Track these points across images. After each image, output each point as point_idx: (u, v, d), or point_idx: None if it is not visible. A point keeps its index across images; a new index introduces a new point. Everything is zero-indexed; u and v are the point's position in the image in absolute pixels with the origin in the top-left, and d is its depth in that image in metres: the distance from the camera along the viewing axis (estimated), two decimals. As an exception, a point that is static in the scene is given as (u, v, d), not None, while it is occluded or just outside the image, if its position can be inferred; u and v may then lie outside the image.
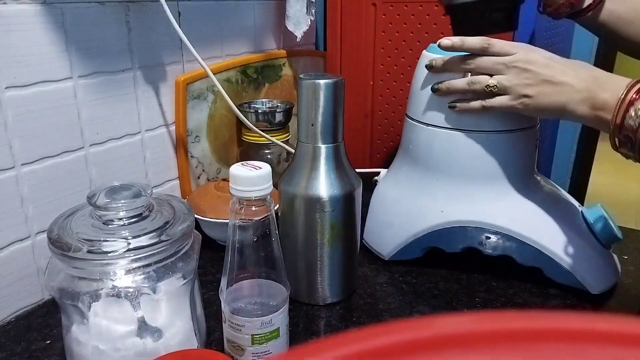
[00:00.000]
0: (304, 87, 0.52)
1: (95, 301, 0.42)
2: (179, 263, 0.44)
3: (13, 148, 0.53)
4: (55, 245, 0.41)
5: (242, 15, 0.81)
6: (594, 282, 0.57)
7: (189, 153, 0.74)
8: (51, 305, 0.57)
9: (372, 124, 0.96)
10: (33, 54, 0.53)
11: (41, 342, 0.51)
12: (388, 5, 0.88)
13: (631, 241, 0.70)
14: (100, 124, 0.62)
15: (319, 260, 0.56)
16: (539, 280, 0.59)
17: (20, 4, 0.52)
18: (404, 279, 0.62)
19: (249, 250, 0.44)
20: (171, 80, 0.70)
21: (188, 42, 0.65)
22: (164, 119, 0.71)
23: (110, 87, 0.62)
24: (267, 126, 0.77)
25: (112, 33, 0.61)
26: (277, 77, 0.90)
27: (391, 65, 0.91)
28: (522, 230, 0.58)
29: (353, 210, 0.56)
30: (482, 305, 0.58)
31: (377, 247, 0.67)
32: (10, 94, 0.52)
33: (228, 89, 0.77)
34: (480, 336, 0.12)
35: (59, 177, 0.58)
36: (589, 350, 0.12)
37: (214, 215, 0.65)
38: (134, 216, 0.44)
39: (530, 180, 0.62)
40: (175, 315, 0.45)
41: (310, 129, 0.53)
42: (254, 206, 0.43)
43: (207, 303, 0.54)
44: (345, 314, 0.56)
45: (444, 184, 0.61)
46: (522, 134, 0.60)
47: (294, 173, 0.54)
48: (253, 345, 0.44)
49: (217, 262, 0.63)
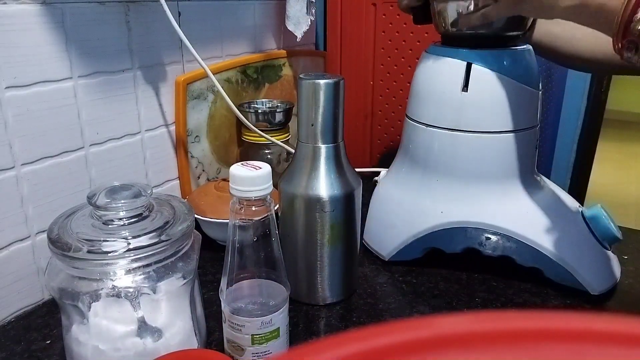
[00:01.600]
0: (304, 87, 0.52)
1: (95, 301, 0.42)
2: (179, 263, 0.44)
3: (13, 148, 0.53)
4: (55, 245, 0.41)
5: (242, 15, 0.81)
6: (593, 282, 0.57)
7: (189, 153, 0.74)
8: (51, 305, 0.57)
9: (372, 124, 0.96)
10: (33, 54, 0.53)
11: (41, 342, 0.51)
12: (388, 5, 0.88)
13: (631, 241, 0.70)
14: (100, 124, 0.62)
15: (319, 260, 0.56)
16: (539, 280, 0.59)
17: (20, 4, 0.52)
18: (404, 279, 0.62)
19: (249, 250, 0.44)
20: (171, 80, 0.70)
21: (188, 42, 0.65)
22: (164, 119, 0.71)
23: (110, 87, 0.62)
24: (267, 126, 0.77)
25: (112, 33, 0.61)
26: (277, 77, 0.90)
27: (391, 65, 0.91)
28: (522, 231, 0.58)
29: (353, 210, 0.56)
30: (482, 305, 0.58)
31: (377, 248, 0.67)
32: (10, 94, 0.52)
33: (228, 89, 0.77)
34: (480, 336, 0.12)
35: (59, 177, 0.58)
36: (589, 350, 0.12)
37: (214, 215, 0.65)
38: (134, 216, 0.44)
39: (530, 180, 0.62)
40: (175, 315, 0.45)
41: (310, 129, 0.53)
42: (254, 206, 0.43)
43: (207, 303, 0.54)
44: (345, 314, 0.56)
45: (444, 184, 0.61)
46: (522, 134, 0.59)
47: (294, 173, 0.54)
48: (253, 345, 0.44)
49: (217, 262, 0.63)
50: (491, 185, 0.60)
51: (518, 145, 0.60)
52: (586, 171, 1.09)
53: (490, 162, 0.60)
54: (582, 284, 0.57)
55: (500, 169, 0.60)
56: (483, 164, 0.60)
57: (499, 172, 0.60)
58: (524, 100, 0.59)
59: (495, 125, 0.58)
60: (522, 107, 0.59)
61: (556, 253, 0.57)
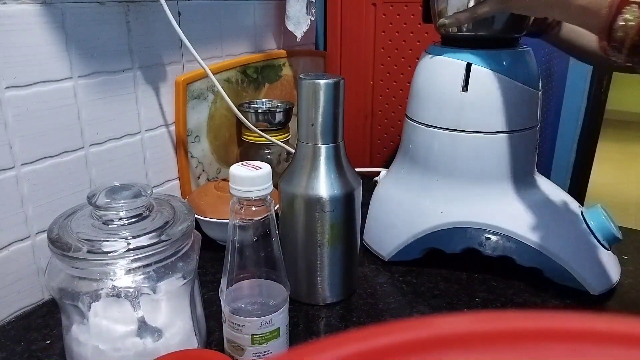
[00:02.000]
0: (304, 87, 0.52)
1: (95, 301, 0.42)
2: (179, 263, 0.44)
3: (13, 148, 0.53)
4: (55, 245, 0.41)
5: (242, 15, 0.81)
6: (593, 282, 0.57)
7: (189, 153, 0.74)
8: (51, 305, 0.57)
9: (372, 124, 0.96)
10: (33, 54, 0.53)
11: (41, 342, 0.51)
12: (388, 5, 0.88)
13: (631, 241, 0.70)
14: (100, 124, 0.62)
15: (319, 260, 0.56)
16: (539, 280, 0.59)
17: (20, 4, 0.52)
18: (404, 279, 0.62)
19: (249, 250, 0.44)
20: (171, 80, 0.70)
21: (188, 42, 0.65)
22: (164, 119, 0.71)
23: (110, 87, 0.62)
24: (267, 126, 0.77)
25: (112, 33, 0.61)
26: (277, 77, 0.90)
27: (391, 65, 0.91)
28: (522, 231, 0.58)
29: (353, 210, 0.56)
30: (482, 305, 0.58)
31: (377, 248, 0.67)
32: (10, 94, 0.52)
33: (228, 89, 0.77)
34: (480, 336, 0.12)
35: (59, 177, 0.58)
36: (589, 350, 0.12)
37: (214, 215, 0.65)
38: (134, 216, 0.44)
39: (530, 181, 0.62)
40: (175, 315, 0.45)
41: (310, 129, 0.53)
42: (254, 206, 0.43)
43: (207, 303, 0.54)
44: (345, 314, 0.56)
45: (444, 184, 0.61)
46: (522, 134, 0.60)
47: (294, 173, 0.54)
48: (253, 345, 0.44)
49: (217, 262, 0.63)
50: (491, 186, 0.60)
51: (518, 146, 0.60)
52: (586, 171, 1.09)
53: (490, 162, 0.60)
54: (582, 284, 0.57)
55: (500, 169, 0.60)
56: (483, 164, 0.60)
57: (499, 172, 0.60)
58: (524, 101, 0.59)
59: (495, 125, 0.58)
60: (522, 107, 0.59)
61: (556, 253, 0.57)
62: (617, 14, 0.43)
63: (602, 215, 0.59)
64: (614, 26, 0.43)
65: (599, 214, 0.59)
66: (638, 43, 0.42)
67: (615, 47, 0.44)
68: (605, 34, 0.44)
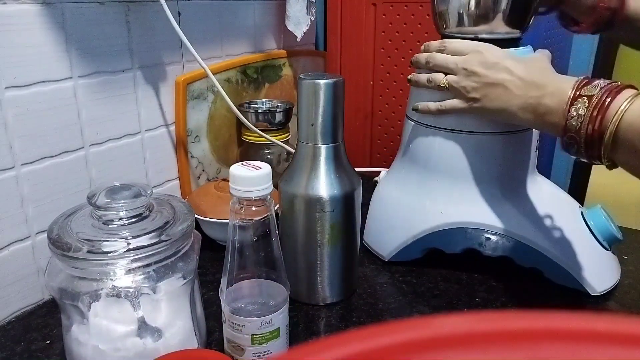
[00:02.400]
0: (304, 87, 0.52)
1: (95, 301, 0.42)
2: (179, 263, 0.44)
3: (13, 148, 0.53)
4: (55, 245, 0.41)
5: (242, 15, 0.81)
6: (594, 282, 0.57)
7: (189, 153, 0.74)
8: (51, 305, 0.57)
9: (372, 124, 0.96)
10: (33, 54, 0.53)
11: (41, 342, 0.51)
12: (388, 5, 0.88)
13: (631, 241, 0.70)
14: (100, 124, 0.62)
15: (319, 260, 0.56)
16: (539, 280, 0.59)
17: (20, 4, 0.52)
18: (404, 279, 0.62)
19: (249, 250, 0.44)
20: (171, 80, 0.70)
21: (188, 42, 0.65)
22: (164, 119, 0.71)
23: (110, 87, 0.62)
24: (267, 126, 0.77)
25: (112, 33, 0.61)
26: (277, 77, 0.90)
27: (391, 65, 0.91)
28: (522, 232, 0.58)
29: (353, 210, 0.56)
30: (482, 305, 0.58)
31: (377, 248, 0.66)
32: (10, 94, 0.52)
33: (228, 89, 0.77)
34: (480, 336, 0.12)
35: (59, 177, 0.58)
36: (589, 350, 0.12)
37: (214, 215, 0.65)
38: (134, 216, 0.44)
39: (530, 181, 0.62)
40: (175, 315, 0.45)
41: (310, 129, 0.53)
42: (254, 206, 0.43)
43: (207, 303, 0.54)
44: (345, 314, 0.56)
45: (444, 185, 0.61)
46: (522, 135, 0.59)
47: (294, 173, 0.54)
48: (253, 345, 0.44)
49: (217, 262, 0.63)
50: (491, 186, 0.60)
51: (518, 146, 0.60)
52: (586, 171, 1.09)
53: (490, 162, 0.59)
54: (582, 285, 0.57)
55: (501, 170, 0.60)
56: (483, 165, 0.60)
57: (499, 173, 0.60)
58: (524, 101, 0.59)
59: (495, 125, 0.58)
60: (522, 107, 0.59)
61: (556, 253, 0.57)
62: (570, 106, 0.46)
63: (602, 216, 0.59)
64: (568, 118, 0.46)
65: (599, 214, 0.59)
66: (591, 134, 0.44)
67: (572, 142, 0.46)
68: (561, 129, 0.46)
